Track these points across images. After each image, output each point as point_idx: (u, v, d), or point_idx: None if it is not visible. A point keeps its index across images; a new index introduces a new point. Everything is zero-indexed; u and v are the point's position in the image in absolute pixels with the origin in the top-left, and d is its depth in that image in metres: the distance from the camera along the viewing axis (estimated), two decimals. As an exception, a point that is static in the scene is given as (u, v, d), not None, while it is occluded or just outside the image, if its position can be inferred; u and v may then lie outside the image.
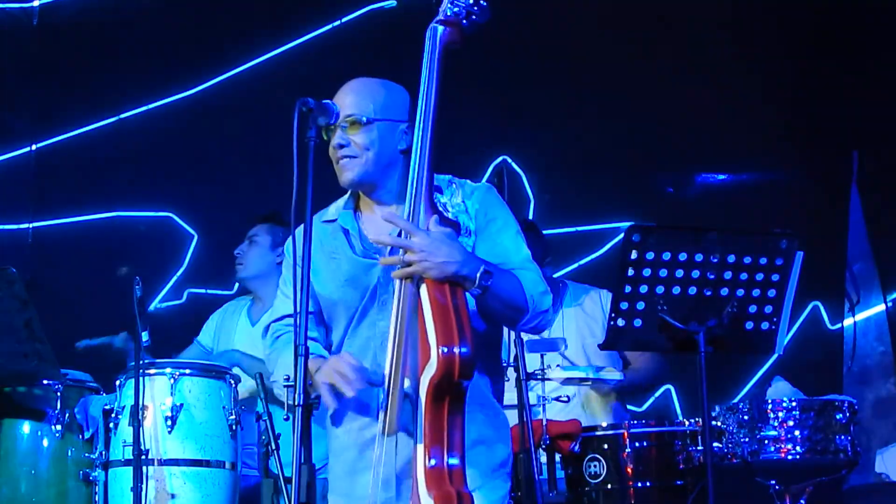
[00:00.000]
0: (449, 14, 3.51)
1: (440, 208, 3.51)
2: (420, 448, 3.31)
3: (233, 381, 5.03)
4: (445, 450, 3.30)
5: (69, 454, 5.04)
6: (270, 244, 5.98)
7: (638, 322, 4.56)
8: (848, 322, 7.02)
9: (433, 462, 3.28)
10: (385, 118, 3.64)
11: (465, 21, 3.52)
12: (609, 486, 4.96)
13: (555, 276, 6.07)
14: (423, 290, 3.34)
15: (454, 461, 3.30)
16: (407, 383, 3.37)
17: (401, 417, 3.38)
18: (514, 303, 3.50)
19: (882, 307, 7.00)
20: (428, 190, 3.46)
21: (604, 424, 5.13)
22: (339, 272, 3.68)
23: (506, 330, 4.43)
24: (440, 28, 3.52)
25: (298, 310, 3.38)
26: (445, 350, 3.24)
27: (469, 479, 3.35)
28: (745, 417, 4.82)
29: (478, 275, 3.39)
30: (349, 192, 3.77)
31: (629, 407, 6.00)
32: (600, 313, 5.66)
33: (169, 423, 4.81)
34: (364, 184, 3.68)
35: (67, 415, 5.04)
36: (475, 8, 3.50)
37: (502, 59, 7.19)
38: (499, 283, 3.44)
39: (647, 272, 4.49)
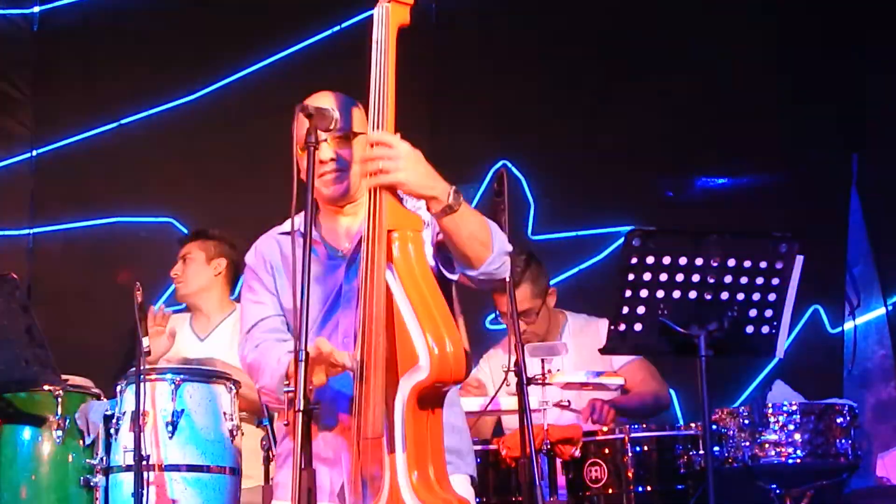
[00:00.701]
0: None
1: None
2: (401, 458, 3.17)
3: (233, 387, 5.04)
4: (430, 458, 3.19)
5: (70, 460, 5.04)
6: (204, 259, 6.05)
7: (638, 326, 4.56)
8: (848, 325, 7.01)
9: (419, 473, 3.16)
10: (361, 132, 3.62)
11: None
12: (610, 490, 4.96)
13: (552, 282, 6.08)
14: (397, 285, 3.21)
15: (437, 467, 3.20)
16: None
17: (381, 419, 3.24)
18: (480, 234, 3.42)
19: (882, 310, 6.99)
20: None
21: (604, 429, 5.13)
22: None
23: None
24: (390, 7, 3.49)
25: (300, 316, 3.34)
26: (438, 351, 3.12)
27: None
28: (746, 421, 4.82)
29: (449, 192, 3.33)
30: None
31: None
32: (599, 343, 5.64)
33: (170, 428, 4.81)
34: (348, 197, 3.68)
35: (68, 420, 5.04)
36: None
37: (501, 63, 7.20)
38: (467, 209, 3.39)
39: (647, 276, 4.50)
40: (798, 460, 4.75)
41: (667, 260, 4.49)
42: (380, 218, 3.30)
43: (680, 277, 4.51)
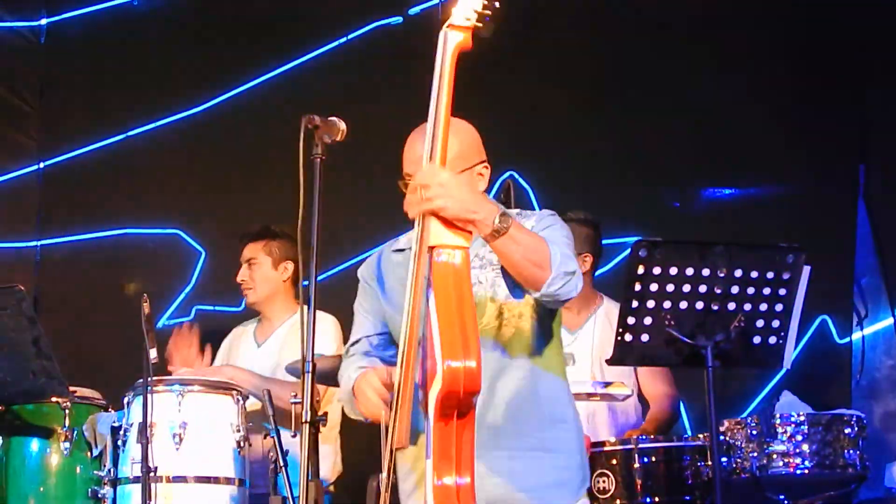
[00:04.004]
0: (461, 18, 3.50)
1: None
2: (429, 464, 3.29)
3: (240, 398, 5.04)
4: (454, 466, 3.27)
5: (77, 471, 5.05)
6: (271, 263, 5.99)
7: (645, 337, 4.56)
8: (856, 336, 7.00)
9: (442, 479, 3.25)
10: (460, 168, 3.65)
11: (478, 24, 3.51)
12: (618, 501, 4.96)
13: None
14: (432, 299, 3.31)
15: (463, 478, 3.27)
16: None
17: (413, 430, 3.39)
18: (535, 255, 3.44)
19: (890, 321, 6.97)
20: None
21: (612, 440, 5.12)
22: None
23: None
24: (453, 32, 3.51)
25: (306, 325, 3.39)
26: (452, 364, 3.21)
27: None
28: (754, 432, 4.82)
29: (495, 216, 3.37)
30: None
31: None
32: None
33: (177, 440, 4.82)
34: None
35: (75, 432, 5.04)
36: (487, 11, 3.50)
37: (509, 74, 7.20)
38: (518, 230, 3.42)
39: (653, 287, 4.49)
40: (806, 471, 4.75)
41: (673, 270, 4.48)
42: (423, 242, 3.36)
43: (687, 288, 4.50)
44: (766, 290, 4.56)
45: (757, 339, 4.62)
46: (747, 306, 4.56)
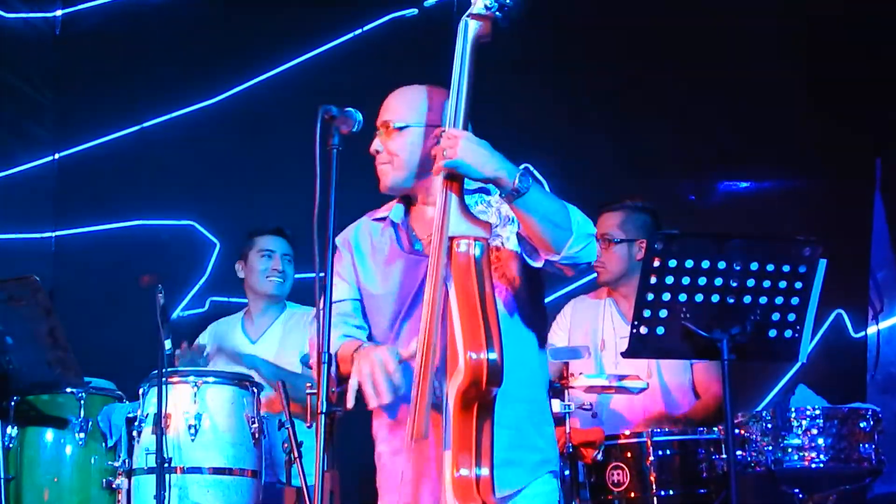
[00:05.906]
0: (481, 8, 3.49)
1: (472, 210, 3.49)
2: (447, 455, 3.27)
3: (255, 390, 5.04)
4: (473, 458, 3.26)
5: (92, 462, 5.06)
6: (292, 262, 6.04)
7: (661, 330, 4.53)
8: (872, 330, 6.98)
9: (462, 471, 3.24)
10: (419, 124, 3.66)
11: (497, 13, 3.49)
12: (632, 494, 4.95)
13: (571, 287, 6.05)
14: (452, 290, 3.29)
15: (482, 471, 3.26)
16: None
17: (428, 421, 3.34)
18: (555, 216, 3.42)
19: (906, 315, 6.96)
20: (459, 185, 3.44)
21: (627, 433, 5.11)
22: (387, 268, 3.69)
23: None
24: (472, 22, 3.49)
25: (322, 318, 3.37)
26: (473, 356, 3.20)
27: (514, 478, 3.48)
28: (769, 425, 4.80)
29: (516, 174, 3.37)
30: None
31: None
32: None
33: (192, 431, 4.82)
34: (397, 189, 3.71)
35: (90, 423, 5.05)
36: (508, 2, 3.48)
37: (523, 66, 7.19)
38: (539, 191, 3.41)
39: (669, 280, 4.47)
40: (821, 465, 4.73)
41: (689, 263, 4.46)
42: (444, 226, 3.36)
43: (702, 281, 4.48)
44: (782, 284, 4.53)
45: (773, 333, 4.60)
46: (763, 299, 4.54)
